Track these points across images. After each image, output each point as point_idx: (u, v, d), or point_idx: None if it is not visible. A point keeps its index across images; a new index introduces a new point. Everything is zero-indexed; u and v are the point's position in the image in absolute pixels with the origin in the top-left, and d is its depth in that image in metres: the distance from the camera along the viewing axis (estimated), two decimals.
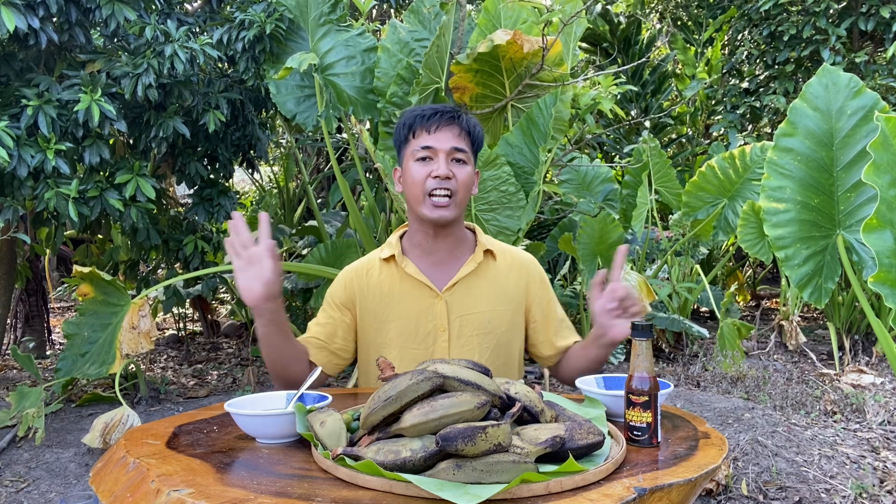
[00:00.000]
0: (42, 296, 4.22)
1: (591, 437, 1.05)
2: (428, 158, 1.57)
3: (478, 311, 1.62)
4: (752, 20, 5.77)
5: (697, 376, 3.61)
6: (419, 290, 1.62)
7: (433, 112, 1.59)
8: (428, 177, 1.56)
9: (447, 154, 1.57)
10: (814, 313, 5.74)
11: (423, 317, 1.61)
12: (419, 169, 1.57)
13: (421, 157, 1.58)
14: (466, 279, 1.63)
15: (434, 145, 1.56)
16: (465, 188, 1.59)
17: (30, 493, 2.30)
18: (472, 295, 1.63)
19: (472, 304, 1.62)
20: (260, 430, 1.19)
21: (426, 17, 3.29)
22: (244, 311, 4.96)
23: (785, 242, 2.16)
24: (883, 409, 2.96)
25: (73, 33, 2.77)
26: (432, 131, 1.57)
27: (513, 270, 1.68)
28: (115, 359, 2.66)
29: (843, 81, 2.16)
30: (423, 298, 1.62)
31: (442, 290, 1.62)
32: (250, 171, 4.28)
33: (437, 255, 1.64)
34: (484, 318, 1.62)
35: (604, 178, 4.43)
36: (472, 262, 1.64)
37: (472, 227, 1.73)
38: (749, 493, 2.22)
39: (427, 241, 1.64)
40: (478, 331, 1.61)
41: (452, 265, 1.65)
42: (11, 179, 2.72)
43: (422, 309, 1.61)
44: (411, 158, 1.59)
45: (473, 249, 1.67)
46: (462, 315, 1.62)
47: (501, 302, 1.64)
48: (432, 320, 1.61)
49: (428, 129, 1.58)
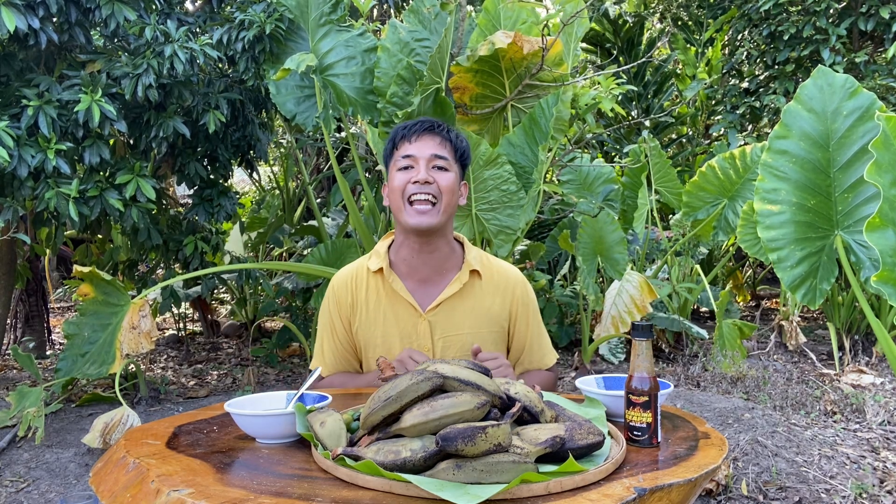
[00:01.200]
0: (42, 296, 4.22)
1: (591, 437, 1.05)
2: (409, 167, 1.58)
3: (461, 332, 1.62)
4: (752, 20, 5.77)
5: (697, 376, 3.61)
6: (404, 309, 1.62)
7: (414, 123, 1.61)
8: (408, 183, 1.56)
9: (427, 161, 1.57)
10: (814, 313, 5.74)
11: (407, 336, 1.62)
12: (400, 177, 1.58)
13: (403, 167, 1.58)
14: (451, 300, 1.63)
15: (414, 153, 1.58)
16: (448, 193, 1.58)
17: (30, 493, 2.30)
18: (455, 316, 1.63)
19: (456, 326, 1.62)
20: (260, 430, 1.19)
21: (426, 17, 3.29)
22: (244, 311, 4.96)
23: (778, 244, 2.16)
24: (883, 409, 2.96)
25: (73, 33, 2.77)
26: (413, 140, 1.59)
27: (498, 291, 1.67)
28: (115, 359, 2.66)
29: (838, 82, 2.15)
30: (408, 317, 1.62)
31: (426, 309, 1.62)
32: (250, 172, 4.29)
33: (423, 271, 1.64)
34: (467, 339, 1.62)
35: (605, 179, 4.43)
36: (457, 281, 1.63)
37: (460, 240, 1.72)
38: (749, 493, 2.22)
39: (412, 257, 1.63)
40: (461, 352, 1.62)
41: (438, 283, 1.64)
42: (12, 179, 2.72)
43: (405, 328, 1.62)
44: (394, 169, 1.60)
45: (460, 266, 1.66)
46: (445, 336, 1.62)
47: (484, 324, 1.64)
48: (416, 340, 1.61)
49: (409, 138, 1.59)
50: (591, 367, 3.82)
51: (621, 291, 3.64)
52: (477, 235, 3.15)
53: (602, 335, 3.61)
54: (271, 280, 4.52)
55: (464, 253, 1.69)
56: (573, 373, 3.83)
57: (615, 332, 3.55)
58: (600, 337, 3.64)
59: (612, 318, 3.59)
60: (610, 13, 6.69)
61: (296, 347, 4.46)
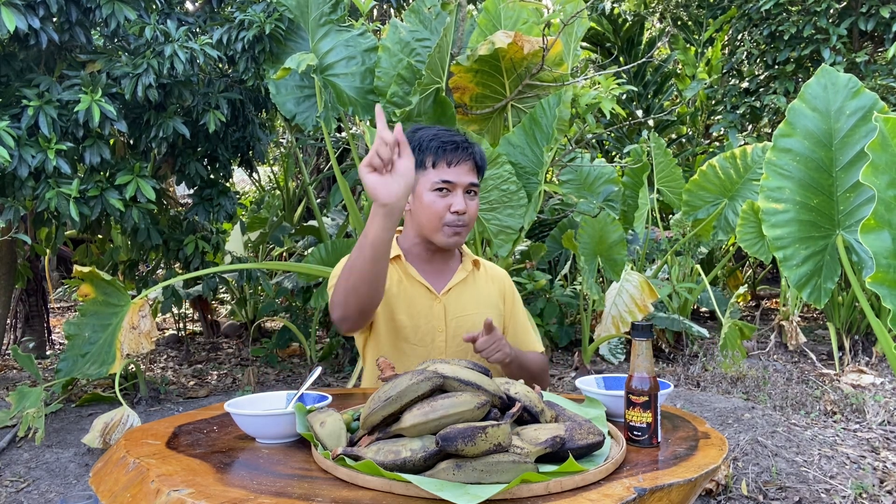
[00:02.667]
0: (42, 296, 4.22)
1: (591, 437, 1.05)
2: (446, 190, 1.65)
3: (471, 313, 1.75)
4: (752, 20, 5.77)
5: (697, 376, 3.61)
6: (420, 292, 1.72)
7: (454, 146, 1.66)
8: (447, 210, 1.64)
9: (464, 188, 1.66)
10: (814, 313, 5.74)
11: (423, 317, 1.71)
12: (438, 200, 1.65)
13: (439, 188, 1.65)
14: (459, 285, 1.76)
15: (454, 180, 1.64)
16: (474, 219, 1.71)
17: (30, 493, 2.30)
18: (464, 299, 1.76)
19: (466, 307, 1.75)
20: (260, 430, 1.19)
21: (427, 17, 3.29)
22: (244, 311, 4.96)
23: (784, 243, 2.16)
24: (883, 409, 2.96)
25: (74, 33, 2.77)
26: (452, 165, 1.65)
27: (492, 281, 1.83)
28: (115, 359, 2.66)
29: (841, 82, 2.16)
30: (424, 300, 1.72)
31: (440, 292, 1.73)
32: (250, 172, 4.29)
33: (434, 263, 1.77)
34: (476, 319, 1.74)
35: (606, 179, 4.43)
36: (462, 270, 1.78)
37: None
38: (749, 493, 2.22)
39: (425, 253, 1.76)
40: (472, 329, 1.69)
41: (446, 272, 1.78)
42: (12, 179, 2.72)
43: (421, 309, 1.71)
44: (429, 187, 1.66)
45: (461, 260, 1.81)
46: (458, 317, 1.73)
47: (487, 307, 1.78)
48: (431, 321, 1.72)
49: (449, 162, 1.65)
50: (591, 367, 3.82)
51: (621, 291, 3.64)
52: (477, 235, 3.15)
53: (603, 335, 3.61)
54: (271, 280, 4.52)
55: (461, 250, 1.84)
56: (573, 373, 3.83)
57: (616, 332, 3.55)
58: (601, 337, 3.64)
59: (612, 318, 3.59)
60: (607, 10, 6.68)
61: (296, 347, 4.46)
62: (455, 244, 1.70)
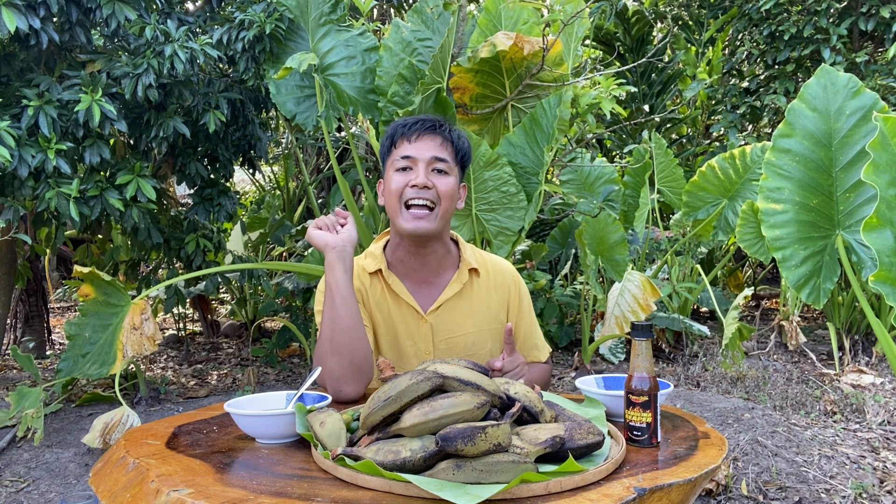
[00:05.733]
0: (42, 296, 4.22)
1: (591, 437, 1.05)
2: (408, 168, 1.52)
3: (463, 332, 1.59)
4: (752, 20, 5.76)
5: (697, 376, 3.61)
6: (405, 310, 1.58)
7: (415, 121, 1.55)
8: (406, 186, 1.50)
9: (427, 163, 1.51)
10: (814, 313, 5.74)
11: (408, 338, 1.58)
12: (398, 178, 1.52)
13: (401, 167, 1.52)
14: (451, 301, 1.59)
15: (414, 154, 1.51)
16: (447, 199, 1.53)
17: (30, 493, 2.30)
18: (457, 317, 1.59)
19: (458, 327, 1.59)
20: (260, 430, 1.19)
21: (429, 17, 3.29)
22: (244, 311, 4.96)
23: (783, 243, 2.16)
24: (883, 409, 2.96)
25: (74, 33, 2.77)
26: (413, 140, 1.52)
27: (494, 286, 1.64)
28: (115, 359, 2.66)
29: (841, 82, 2.15)
30: (409, 319, 1.58)
31: (427, 311, 1.58)
32: (251, 172, 4.29)
33: (422, 273, 1.60)
34: (469, 339, 1.59)
35: (606, 179, 4.43)
36: (456, 281, 1.60)
37: (454, 238, 1.69)
38: (749, 493, 2.22)
39: (409, 258, 1.59)
40: (464, 353, 1.59)
41: (437, 284, 1.61)
42: (12, 179, 2.72)
43: (407, 329, 1.58)
44: (391, 169, 1.55)
45: (457, 265, 1.63)
46: (448, 338, 1.59)
47: (485, 321, 1.61)
48: (417, 342, 1.58)
49: (409, 138, 1.53)
50: (591, 367, 3.82)
51: (623, 291, 3.64)
52: (477, 236, 3.15)
53: (606, 335, 3.61)
54: (271, 280, 4.52)
55: (459, 251, 1.66)
56: (573, 373, 3.83)
57: (619, 332, 3.55)
58: (603, 337, 3.64)
59: (615, 319, 3.59)
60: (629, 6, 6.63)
61: (296, 347, 4.46)
62: (419, 229, 1.50)
